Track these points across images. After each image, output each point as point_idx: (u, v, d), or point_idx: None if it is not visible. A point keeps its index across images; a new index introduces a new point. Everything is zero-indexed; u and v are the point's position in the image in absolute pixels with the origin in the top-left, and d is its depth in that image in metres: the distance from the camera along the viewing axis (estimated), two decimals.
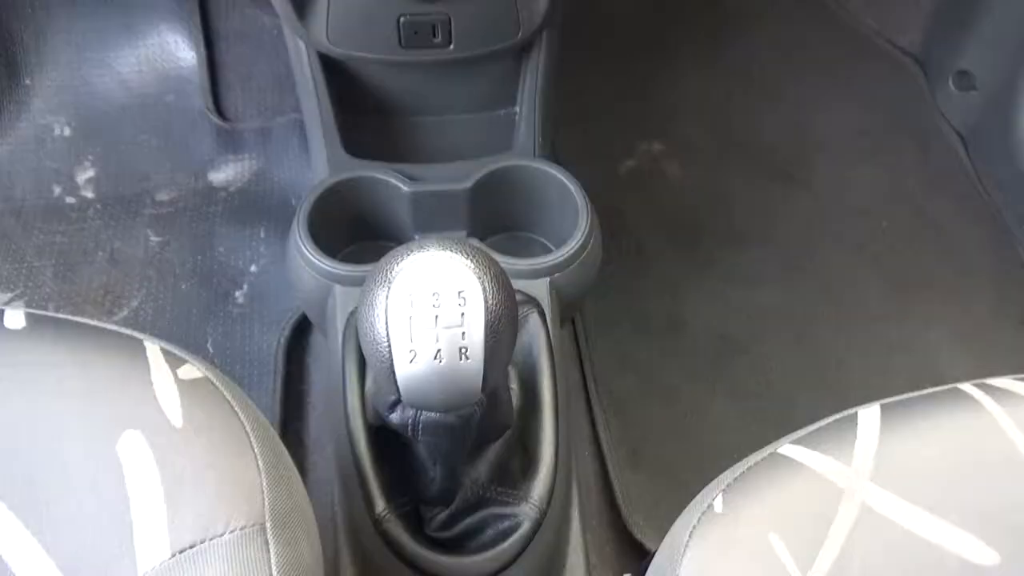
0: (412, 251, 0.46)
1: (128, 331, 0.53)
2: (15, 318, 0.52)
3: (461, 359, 0.45)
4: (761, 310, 1.06)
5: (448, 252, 0.46)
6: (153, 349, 0.52)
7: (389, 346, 0.45)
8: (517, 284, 0.74)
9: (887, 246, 1.13)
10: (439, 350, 0.45)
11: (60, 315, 0.54)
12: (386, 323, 0.45)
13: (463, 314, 0.45)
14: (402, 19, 0.77)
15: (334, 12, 0.78)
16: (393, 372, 0.46)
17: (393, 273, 0.45)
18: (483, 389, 0.47)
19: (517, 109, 0.91)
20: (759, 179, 1.20)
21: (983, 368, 1.00)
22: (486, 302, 0.45)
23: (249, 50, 1.25)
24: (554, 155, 1.18)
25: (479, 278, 0.46)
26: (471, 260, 0.46)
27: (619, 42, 1.33)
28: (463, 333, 0.45)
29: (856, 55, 1.32)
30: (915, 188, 1.20)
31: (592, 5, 1.32)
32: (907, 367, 1.01)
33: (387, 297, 0.45)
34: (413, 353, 0.45)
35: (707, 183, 1.20)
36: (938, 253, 1.13)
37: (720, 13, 1.34)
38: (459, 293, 0.45)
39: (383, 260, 0.47)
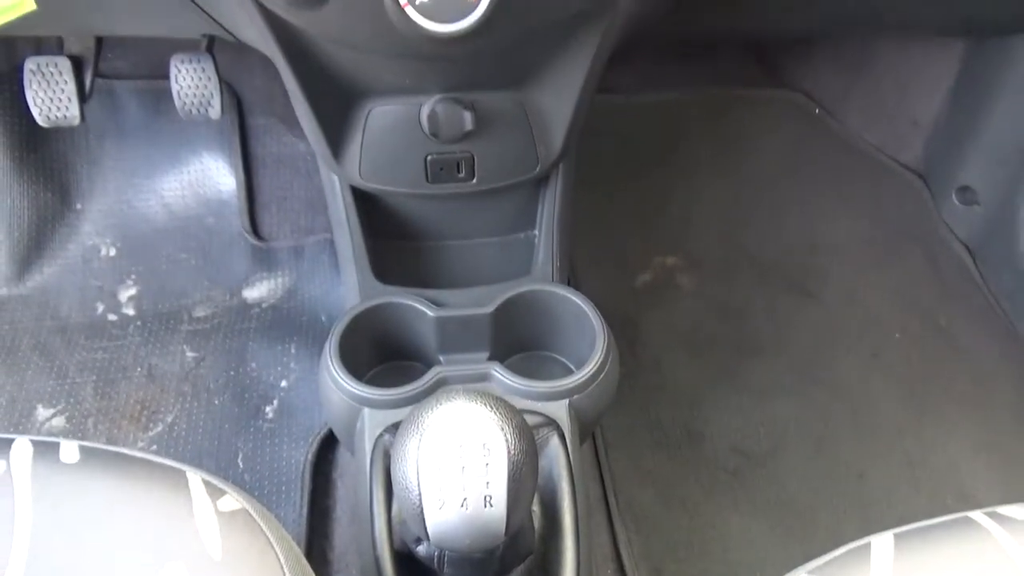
0: (440, 403, 0.50)
1: (172, 463, 0.57)
2: (70, 451, 0.56)
3: (486, 506, 0.48)
4: (778, 422, 1.08)
5: (473, 404, 0.49)
6: (195, 480, 0.55)
7: (420, 495, 0.49)
8: (536, 406, 0.78)
9: (902, 356, 1.15)
10: (465, 499, 0.48)
11: (110, 447, 0.57)
12: (417, 473, 0.48)
13: (487, 464, 0.48)
14: (429, 157, 0.84)
15: (366, 152, 0.84)
16: (423, 517, 0.49)
17: (424, 426, 0.49)
18: (506, 532, 0.50)
19: (536, 232, 0.96)
20: (771, 291, 1.24)
21: (1005, 482, 1.01)
22: (508, 452, 0.49)
23: (285, 174, 1.34)
24: (572, 270, 1.23)
25: (501, 429, 0.49)
26: (494, 412, 0.49)
27: (632, 160, 1.40)
28: (487, 483, 0.48)
29: (860, 170, 1.38)
30: (926, 299, 1.22)
31: (605, 126, 1.40)
32: (928, 480, 1.01)
33: (418, 448, 0.49)
34: (441, 501, 0.48)
35: (721, 295, 1.24)
36: (953, 363, 1.14)
37: (728, 132, 1.42)
38: (483, 445, 0.48)
39: (414, 411, 0.51)
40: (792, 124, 1.42)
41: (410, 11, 0.58)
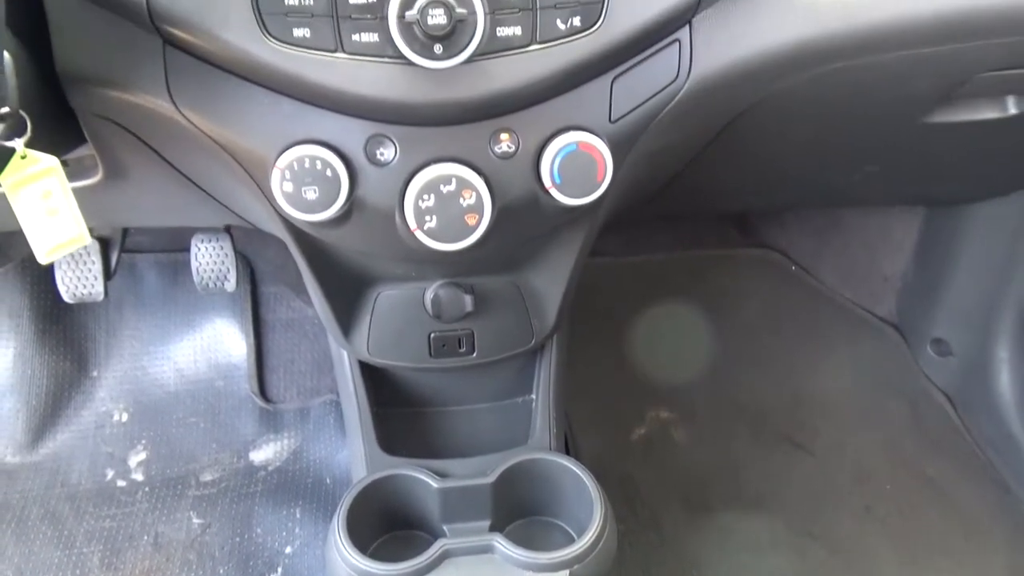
0: None
1: None
2: None
3: None
4: None
5: None
6: None
7: None
8: None
9: (893, 510, 1.17)
10: None
11: None
12: None
13: None
14: (432, 335, 0.90)
15: (374, 331, 0.91)
16: None
17: None
18: None
19: (534, 396, 1.02)
20: (763, 444, 1.28)
21: None
22: None
23: (293, 337, 1.41)
24: (568, 426, 1.27)
25: None
26: None
27: (621, 318, 1.47)
28: None
29: (839, 324, 1.46)
30: (913, 450, 1.26)
31: (596, 287, 1.48)
32: None
33: None
34: None
35: (714, 449, 1.27)
36: (944, 517, 1.17)
37: (711, 290, 1.50)
38: None
39: None
40: (771, 281, 1.50)
41: (419, 234, 0.66)
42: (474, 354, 0.91)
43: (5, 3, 0.51)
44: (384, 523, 0.92)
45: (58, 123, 0.68)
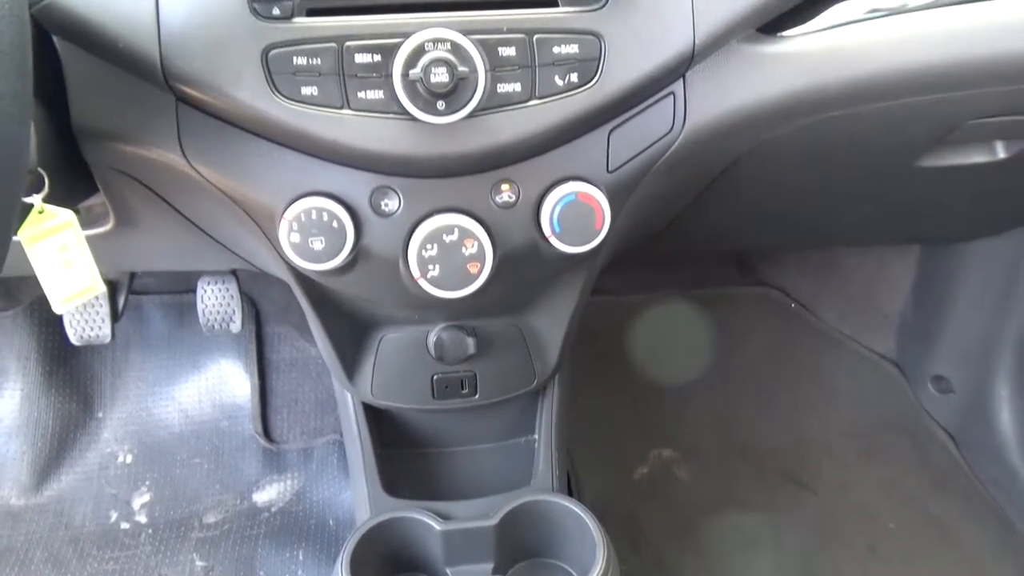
0: None
1: None
2: None
3: None
4: None
5: None
6: None
7: None
8: None
9: (898, 549, 1.17)
10: None
11: None
12: None
13: None
14: (435, 377, 0.91)
15: (378, 373, 0.92)
16: None
17: None
18: None
19: (536, 437, 1.02)
20: (766, 482, 1.28)
21: None
22: None
23: (296, 377, 1.42)
24: (571, 465, 1.28)
25: None
26: None
27: (623, 356, 1.48)
28: None
29: (840, 361, 1.46)
30: (916, 488, 1.26)
31: (597, 325, 1.49)
32: None
33: None
34: None
35: (718, 488, 1.27)
36: (949, 556, 1.16)
37: (713, 328, 1.51)
38: None
39: None
40: (771, 319, 1.51)
41: (422, 282, 0.68)
42: (476, 395, 0.93)
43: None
44: (388, 566, 0.93)
45: (72, 176, 0.70)
